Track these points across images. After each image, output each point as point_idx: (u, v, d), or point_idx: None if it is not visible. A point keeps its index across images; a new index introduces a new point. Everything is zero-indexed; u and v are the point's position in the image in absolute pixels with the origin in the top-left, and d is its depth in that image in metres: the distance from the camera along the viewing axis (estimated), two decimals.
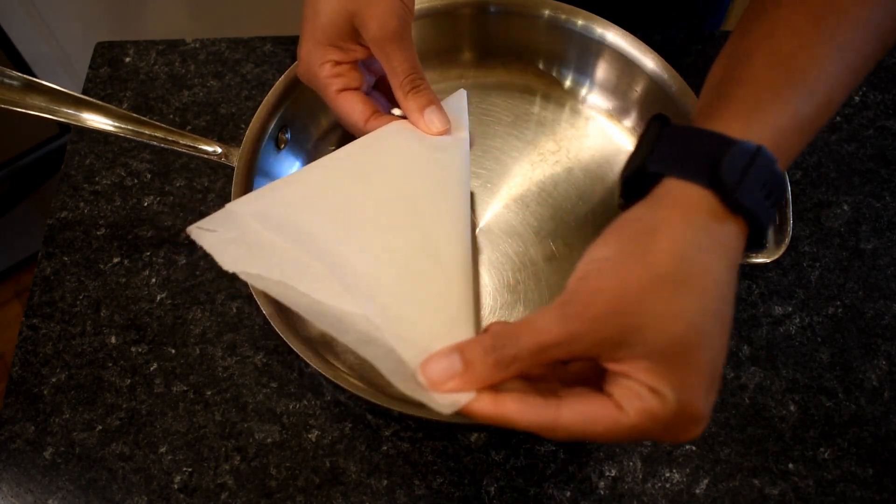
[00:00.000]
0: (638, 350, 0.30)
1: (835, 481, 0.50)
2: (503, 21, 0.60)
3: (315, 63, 0.46)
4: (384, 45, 0.45)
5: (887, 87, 0.65)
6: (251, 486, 0.51)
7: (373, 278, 0.37)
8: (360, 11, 0.44)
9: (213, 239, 0.37)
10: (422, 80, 0.47)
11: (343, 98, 0.46)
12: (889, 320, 0.55)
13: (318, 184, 0.42)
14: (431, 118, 0.47)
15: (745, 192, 0.31)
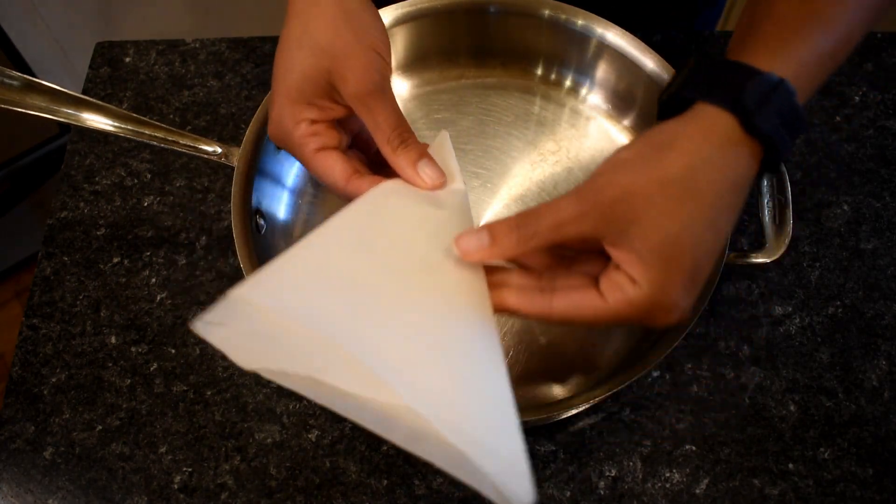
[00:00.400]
0: (635, 242, 0.34)
1: (835, 481, 0.50)
2: (503, 21, 0.60)
3: (289, 123, 0.43)
4: (366, 101, 0.42)
5: (887, 87, 0.65)
6: (251, 486, 0.51)
7: (405, 359, 0.34)
8: (337, 68, 0.41)
9: (224, 334, 0.33)
10: (409, 134, 0.44)
11: (321, 158, 0.43)
12: (889, 320, 0.55)
13: (325, 258, 0.38)
14: (425, 172, 0.43)
15: (764, 117, 0.34)
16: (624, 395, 0.53)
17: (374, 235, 0.40)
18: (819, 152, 0.62)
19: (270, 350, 0.33)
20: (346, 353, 0.33)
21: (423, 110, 0.61)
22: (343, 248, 0.39)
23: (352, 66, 0.41)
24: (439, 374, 0.34)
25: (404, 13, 0.59)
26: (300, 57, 0.42)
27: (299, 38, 0.42)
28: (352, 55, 0.41)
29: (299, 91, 0.42)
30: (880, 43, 0.67)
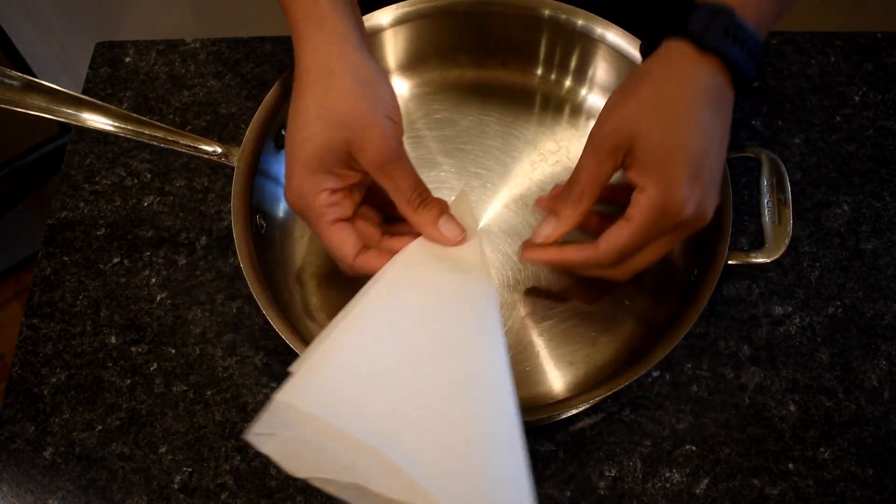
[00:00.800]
0: (636, 156, 0.42)
1: (835, 481, 0.50)
2: (503, 21, 0.60)
3: (310, 193, 0.44)
4: (385, 169, 0.44)
5: (887, 87, 0.65)
6: (251, 486, 0.51)
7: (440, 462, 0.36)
8: (356, 139, 0.43)
9: (276, 444, 0.35)
10: (427, 193, 0.46)
11: (336, 231, 0.45)
12: (889, 320, 0.55)
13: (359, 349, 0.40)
14: (447, 229, 0.46)
15: (711, 34, 0.41)
16: (624, 395, 0.53)
17: (402, 318, 0.42)
18: (819, 152, 0.62)
19: (318, 457, 0.35)
20: (386, 459, 0.34)
21: (423, 110, 0.61)
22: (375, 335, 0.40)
23: (370, 137, 0.43)
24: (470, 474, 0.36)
25: (404, 13, 0.59)
26: (319, 128, 0.43)
27: (317, 110, 0.43)
28: (369, 126, 0.43)
29: (319, 161, 0.43)
30: (880, 43, 0.67)
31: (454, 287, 0.45)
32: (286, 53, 0.68)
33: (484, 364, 0.41)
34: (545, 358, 0.51)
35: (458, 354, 0.41)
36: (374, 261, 0.45)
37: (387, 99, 0.45)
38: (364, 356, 0.39)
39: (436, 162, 0.59)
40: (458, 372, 0.40)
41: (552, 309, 0.53)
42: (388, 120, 0.44)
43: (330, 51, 0.44)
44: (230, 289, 0.57)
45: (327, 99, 0.43)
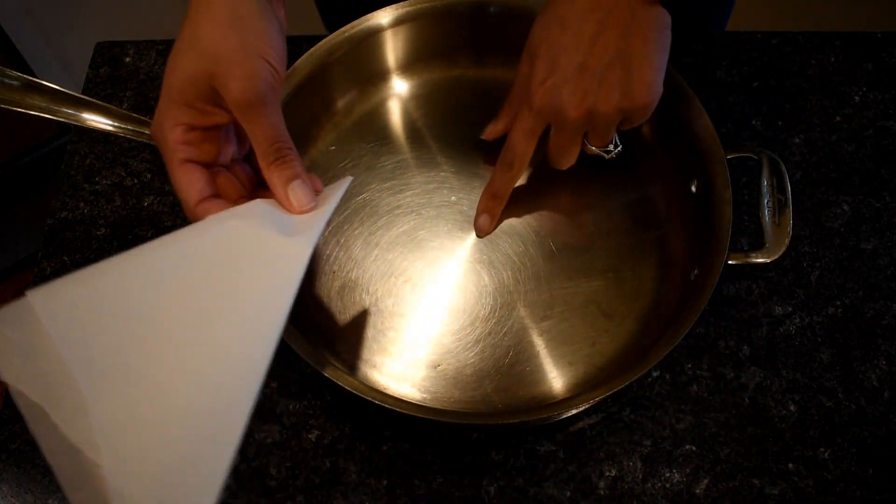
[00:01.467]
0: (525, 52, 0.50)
1: (835, 481, 0.50)
2: (503, 21, 0.60)
3: (167, 123, 0.41)
4: (247, 111, 0.40)
5: (887, 87, 0.65)
6: (251, 486, 0.51)
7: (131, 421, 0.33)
8: (221, 72, 0.40)
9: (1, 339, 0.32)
10: (289, 150, 0.42)
11: (183, 170, 0.41)
12: (889, 320, 0.55)
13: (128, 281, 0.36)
14: (296, 194, 0.42)
15: None
16: (624, 395, 0.53)
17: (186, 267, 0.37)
18: (819, 152, 0.62)
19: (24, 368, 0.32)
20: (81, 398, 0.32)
21: (423, 110, 0.61)
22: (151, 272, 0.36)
23: (235, 73, 0.40)
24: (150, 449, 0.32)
25: (404, 13, 0.59)
26: (185, 59, 0.41)
27: (189, 40, 0.41)
28: (237, 61, 0.40)
29: (180, 93, 0.41)
30: (880, 43, 0.67)
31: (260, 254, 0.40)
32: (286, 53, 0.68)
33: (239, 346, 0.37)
34: (545, 358, 0.51)
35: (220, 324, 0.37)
36: (215, 210, 0.42)
37: (265, 39, 0.42)
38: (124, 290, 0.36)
39: (436, 162, 0.59)
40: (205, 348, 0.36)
41: (552, 309, 0.53)
42: (262, 60, 0.41)
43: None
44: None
45: (198, 29, 0.41)
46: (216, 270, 0.38)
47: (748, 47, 0.67)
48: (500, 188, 0.54)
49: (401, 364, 0.51)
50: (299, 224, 0.42)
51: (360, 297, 0.53)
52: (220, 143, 0.43)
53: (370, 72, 0.61)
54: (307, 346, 0.46)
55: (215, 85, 0.40)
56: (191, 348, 0.35)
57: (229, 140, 0.45)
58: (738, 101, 0.64)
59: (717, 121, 0.53)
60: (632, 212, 0.56)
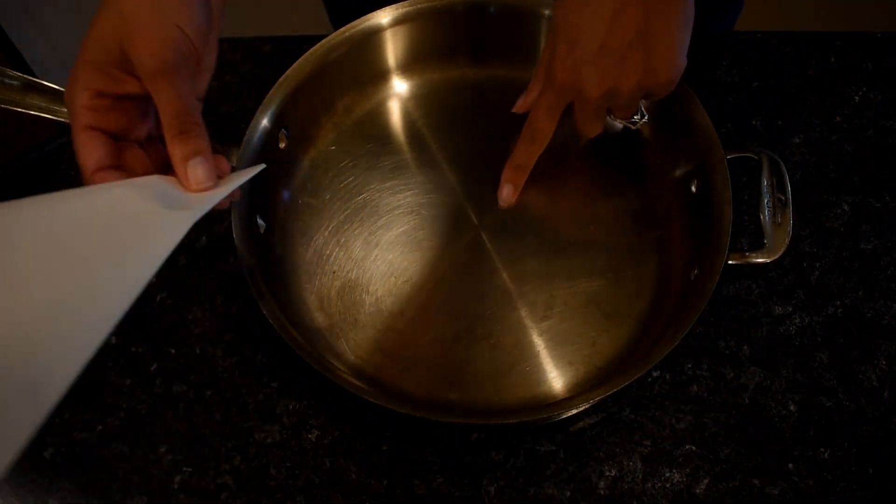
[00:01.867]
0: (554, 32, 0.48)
1: (835, 481, 0.50)
2: (503, 21, 0.60)
3: (76, 86, 0.40)
4: (155, 79, 0.39)
5: (887, 87, 0.65)
6: (251, 486, 0.51)
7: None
8: (132, 37, 0.38)
9: None
10: (195, 125, 0.40)
11: (85, 137, 0.40)
12: (889, 320, 0.55)
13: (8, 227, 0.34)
14: (195, 171, 0.40)
15: None
16: (624, 395, 0.53)
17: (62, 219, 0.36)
18: (819, 152, 0.62)
19: None
20: None
21: (423, 110, 0.61)
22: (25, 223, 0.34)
23: (146, 38, 0.38)
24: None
25: (404, 13, 0.59)
26: (100, 21, 0.39)
27: (108, 2, 0.40)
28: (149, 26, 0.38)
29: (91, 55, 0.40)
30: (880, 43, 0.67)
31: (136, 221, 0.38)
32: (286, 53, 0.68)
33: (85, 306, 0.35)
34: (545, 358, 0.51)
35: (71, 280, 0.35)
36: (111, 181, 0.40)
37: (185, 9, 0.40)
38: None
39: (436, 162, 0.59)
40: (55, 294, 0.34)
41: (552, 309, 0.53)
42: (176, 28, 0.39)
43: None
44: (230, 289, 0.57)
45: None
46: (88, 230, 0.36)
47: (748, 47, 0.67)
48: (524, 161, 0.54)
49: (401, 364, 0.51)
50: (190, 200, 0.40)
51: (360, 297, 0.53)
52: (131, 115, 0.41)
53: (370, 72, 0.61)
54: (307, 346, 0.46)
55: (125, 48, 0.39)
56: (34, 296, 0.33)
57: (147, 116, 0.43)
58: (738, 101, 0.64)
59: (717, 121, 0.53)
60: (632, 212, 0.56)
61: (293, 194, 0.58)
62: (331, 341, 0.52)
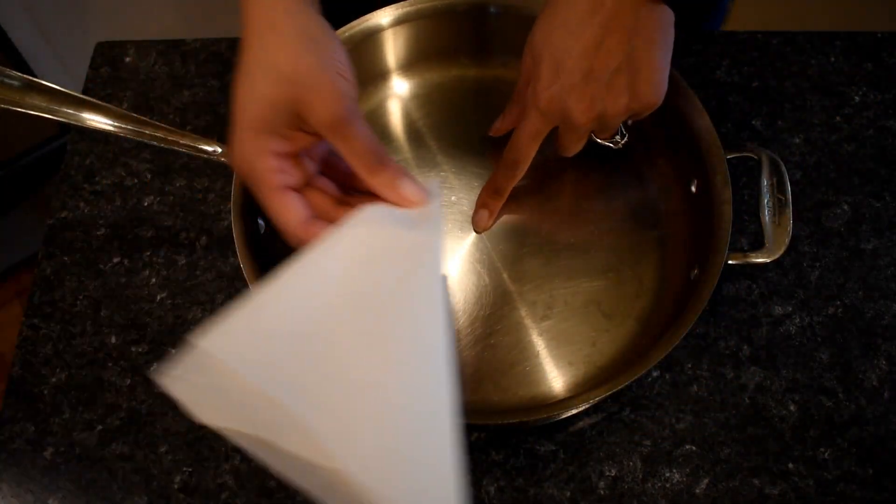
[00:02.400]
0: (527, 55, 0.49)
1: (835, 481, 0.50)
2: (503, 21, 0.60)
3: (254, 155, 0.41)
4: (338, 129, 0.41)
5: (887, 87, 0.65)
6: (251, 486, 0.51)
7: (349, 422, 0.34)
8: (304, 96, 0.40)
9: (185, 387, 0.33)
10: (384, 153, 0.42)
11: (279, 198, 0.42)
12: (889, 320, 0.55)
13: (287, 305, 0.37)
14: (407, 190, 0.42)
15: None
16: (624, 395, 0.53)
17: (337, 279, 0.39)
18: (819, 152, 0.62)
19: (229, 408, 0.33)
20: (296, 417, 0.32)
21: (424, 110, 0.61)
22: (306, 293, 0.38)
23: (319, 94, 0.40)
24: (381, 440, 0.33)
25: (404, 13, 0.59)
26: (263, 85, 0.41)
27: (261, 66, 0.41)
28: (318, 83, 0.40)
29: (263, 121, 0.41)
30: (880, 43, 0.67)
31: (399, 255, 0.41)
32: None
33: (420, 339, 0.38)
34: (545, 358, 0.51)
35: (392, 325, 0.38)
36: (321, 232, 0.42)
37: (337, 56, 0.42)
38: (290, 313, 0.37)
39: (436, 162, 0.59)
40: (389, 342, 0.37)
41: (552, 309, 0.53)
42: (340, 77, 0.41)
43: (275, 6, 0.42)
44: (230, 289, 0.57)
45: (271, 54, 0.41)
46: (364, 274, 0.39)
47: (748, 47, 0.67)
48: (501, 185, 0.54)
49: None
50: (415, 217, 0.43)
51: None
52: (305, 168, 0.43)
53: (370, 72, 0.61)
54: None
55: (299, 109, 0.40)
56: (373, 348, 0.36)
57: (308, 163, 0.45)
58: (738, 101, 0.64)
59: (717, 121, 0.53)
60: (632, 212, 0.56)
61: None
62: None
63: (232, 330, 0.35)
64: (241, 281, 0.57)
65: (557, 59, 0.46)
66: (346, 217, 0.42)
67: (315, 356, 0.35)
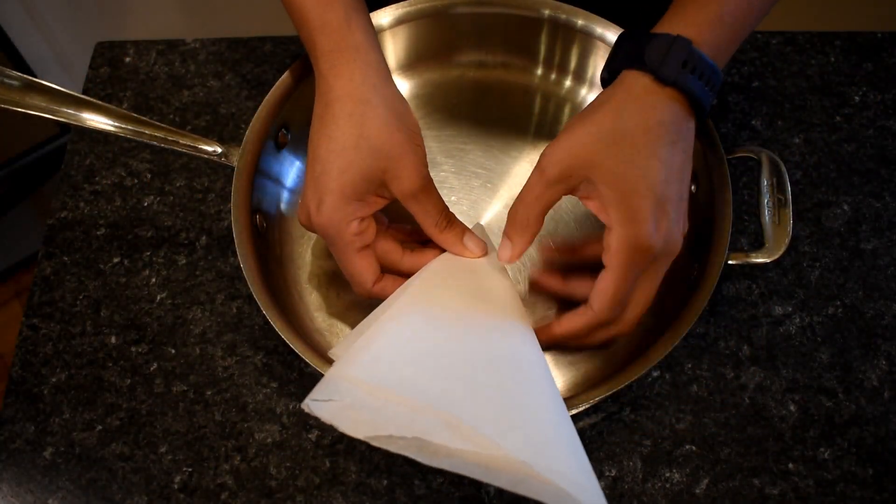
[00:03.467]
0: (599, 188, 0.42)
1: (835, 481, 0.50)
2: (503, 21, 0.60)
3: (343, 221, 0.45)
4: (418, 196, 0.46)
5: (887, 87, 0.65)
6: (251, 486, 0.51)
7: (494, 413, 0.38)
8: (393, 167, 0.44)
9: (333, 409, 0.37)
10: (452, 215, 0.49)
11: (360, 259, 0.47)
12: (889, 320, 0.55)
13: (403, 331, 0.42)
14: (470, 244, 0.49)
15: (669, 68, 0.41)
16: (624, 395, 0.53)
17: (438, 310, 0.45)
18: (819, 152, 0.62)
19: (376, 418, 0.37)
20: (445, 413, 0.37)
21: (424, 110, 0.61)
22: (415, 323, 0.43)
23: (405, 166, 0.45)
24: (525, 423, 0.38)
25: (404, 13, 0.59)
26: (358, 158, 0.44)
27: (355, 139, 0.44)
28: (405, 155, 0.45)
29: (355, 190, 0.44)
30: (880, 43, 0.67)
31: (484, 285, 0.48)
32: (286, 53, 0.68)
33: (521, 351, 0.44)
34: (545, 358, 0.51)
35: (496, 342, 0.43)
36: (390, 287, 0.48)
37: (415, 129, 0.46)
38: (408, 339, 0.42)
39: (436, 162, 0.59)
40: (499, 355, 0.43)
41: (552, 309, 0.53)
42: (421, 150, 0.46)
43: (366, 81, 0.45)
44: (230, 289, 0.57)
45: (365, 129, 0.44)
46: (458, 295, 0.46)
47: (748, 47, 0.67)
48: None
49: None
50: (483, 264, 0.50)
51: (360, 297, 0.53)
52: (374, 225, 0.47)
53: None
54: (307, 346, 0.46)
55: (385, 179, 0.45)
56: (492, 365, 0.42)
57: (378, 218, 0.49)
58: (738, 101, 0.64)
59: (717, 121, 0.53)
60: None
61: (293, 194, 0.58)
62: (331, 341, 0.52)
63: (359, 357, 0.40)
64: (241, 281, 0.57)
65: (658, 194, 0.41)
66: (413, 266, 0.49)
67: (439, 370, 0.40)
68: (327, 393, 0.38)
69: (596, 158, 0.41)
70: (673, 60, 0.41)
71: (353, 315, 0.53)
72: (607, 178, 0.41)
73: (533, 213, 0.44)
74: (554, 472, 0.36)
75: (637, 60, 0.42)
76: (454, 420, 0.37)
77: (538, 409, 0.40)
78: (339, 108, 0.45)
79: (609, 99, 0.43)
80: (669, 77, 0.41)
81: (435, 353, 0.41)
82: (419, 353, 0.41)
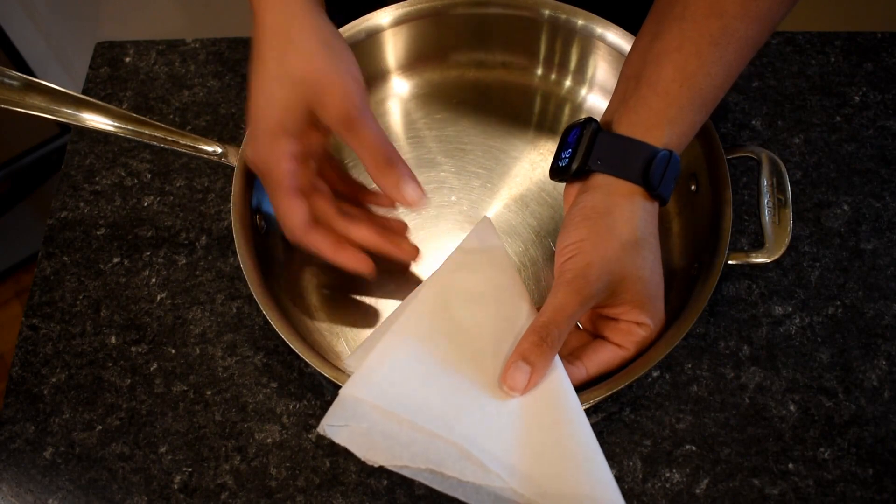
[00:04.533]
0: (625, 296, 0.43)
1: (835, 481, 0.50)
2: (503, 21, 0.60)
3: (272, 157, 0.44)
4: (349, 124, 0.44)
5: (887, 87, 0.65)
6: (251, 486, 0.51)
7: (505, 444, 0.39)
8: (315, 94, 0.43)
9: (349, 434, 0.38)
10: (394, 154, 0.46)
11: (290, 199, 0.45)
12: (889, 320, 0.55)
13: (415, 349, 0.42)
14: (409, 191, 0.46)
15: (664, 187, 0.44)
16: (624, 395, 0.53)
17: (449, 321, 0.44)
18: (819, 152, 0.62)
19: (391, 445, 0.38)
20: (457, 445, 0.38)
21: (424, 110, 0.61)
22: (428, 334, 0.43)
23: (331, 93, 0.43)
24: (536, 455, 0.39)
25: (404, 13, 0.59)
26: (279, 90, 0.44)
27: (276, 71, 0.44)
28: (330, 82, 0.43)
29: (281, 124, 0.44)
30: (880, 43, 0.67)
31: (496, 297, 0.46)
32: None
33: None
34: None
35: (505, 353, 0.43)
36: (321, 240, 0.46)
37: (348, 60, 0.45)
38: (420, 354, 0.42)
39: (436, 162, 0.59)
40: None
41: None
42: (351, 77, 0.44)
43: (288, 13, 0.44)
44: (230, 289, 0.57)
45: (285, 61, 0.44)
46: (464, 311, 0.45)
47: None
48: None
49: None
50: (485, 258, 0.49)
51: (360, 298, 0.53)
52: (310, 168, 0.46)
53: (370, 72, 0.61)
54: (307, 346, 0.46)
55: (312, 107, 0.44)
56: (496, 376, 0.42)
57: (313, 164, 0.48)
58: (738, 101, 0.64)
59: (717, 121, 0.53)
60: None
61: None
62: (331, 341, 0.52)
63: (373, 374, 0.40)
64: (241, 281, 0.57)
65: (660, 284, 0.45)
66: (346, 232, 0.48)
67: (451, 390, 0.41)
68: (344, 418, 0.38)
69: (626, 271, 0.43)
70: (669, 178, 0.44)
71: (353, 315, 0.53)
72: (637, 287, 0.43)
73: (566, 332, 0.42)
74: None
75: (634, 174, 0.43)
76: (465, 452, 0.38)
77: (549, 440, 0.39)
78: (265, 44, 0.45)
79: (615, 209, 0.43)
80: (664, 195, 0.44)
81: (450, 373, 0.41)
82: (434, 375, 0.41)
